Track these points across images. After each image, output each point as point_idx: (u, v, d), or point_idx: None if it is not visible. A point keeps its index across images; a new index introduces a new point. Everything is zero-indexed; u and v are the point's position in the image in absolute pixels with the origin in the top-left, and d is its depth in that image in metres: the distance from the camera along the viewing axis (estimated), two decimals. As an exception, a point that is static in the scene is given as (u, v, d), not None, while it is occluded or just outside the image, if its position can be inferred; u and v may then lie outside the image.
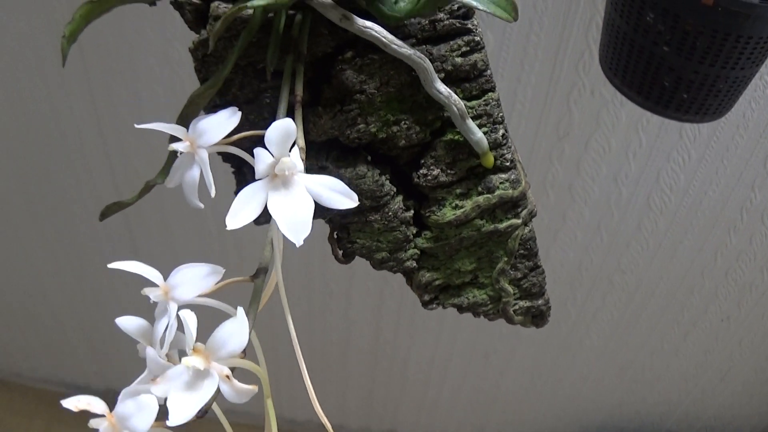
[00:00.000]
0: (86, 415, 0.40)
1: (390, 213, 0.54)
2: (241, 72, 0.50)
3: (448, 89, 0.49)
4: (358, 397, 2.03)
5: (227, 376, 0.39)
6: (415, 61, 0.47)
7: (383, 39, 0.46)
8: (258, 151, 0.39)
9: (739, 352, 1.83)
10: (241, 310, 0.40)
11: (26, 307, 1.93)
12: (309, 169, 0.42)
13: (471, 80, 0.52)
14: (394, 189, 0.53)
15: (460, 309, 0.60)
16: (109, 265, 0.43)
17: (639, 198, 1.43)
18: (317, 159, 0.51)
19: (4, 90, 1.35)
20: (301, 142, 0.43)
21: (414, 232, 0.56)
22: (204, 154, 0.41)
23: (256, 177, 0.39)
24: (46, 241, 1.70)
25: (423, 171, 0.53)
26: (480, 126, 0.52)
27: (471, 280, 0.58)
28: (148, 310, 1.62)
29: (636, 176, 1.39)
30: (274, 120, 0.41)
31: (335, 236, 0.54)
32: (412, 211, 0.56)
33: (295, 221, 0.38)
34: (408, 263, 0.57)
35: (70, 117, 1.38)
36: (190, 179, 0.42)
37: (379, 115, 0.51)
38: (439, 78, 0.50)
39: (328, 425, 0.46)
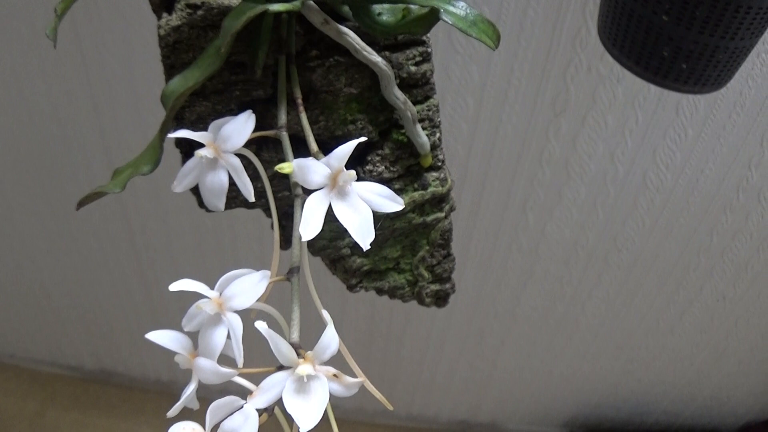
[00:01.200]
0: (80, 396, 0.40)
1: None
2: None
3: (404, 95, 0.53)
4: (352, 376, 2.03)
5: (335, 375, 0.43)
6: (381, 69, 0.51)
7: (356, 45, 0.49)
8: (309, 162, 0.41)
9: (735, 332, 1.83)
10: (329, 318, 0.43)
11: (20, 288, 1.93)
12: (270, 161, 0.46)
13: (419, 87, 0.56)
14: None
15: (380, 292, 0.64)
16: (171, 288, 0.43)
17: (635, 175, 1.43)
18: (276, 152, 0.53)
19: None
20: (315, 146, 0.46)
21: None
22: (235, 160, 0.43)
23: (310, 187, 0.41)
24: (39, 221, 1.69)
25: (369, 167, 0.56)
26: (423, 129, 0.56)
27: (394, 266, 0.62)
28: (142, 293, 1.61)
29: (632, 153, 1.38)
30: (242, 111, 0.45)
31: (281, 224, 0.54)
32: None
33: (362, 227, 0.42)
34: (344, 250, 0.61)
35: (64, 88, 1.37)
36: (217, 184, 0.43)
37: (339, 114, 0.54)
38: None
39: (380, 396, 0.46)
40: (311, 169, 0.42)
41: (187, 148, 0.52)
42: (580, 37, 1.20)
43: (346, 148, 0.42)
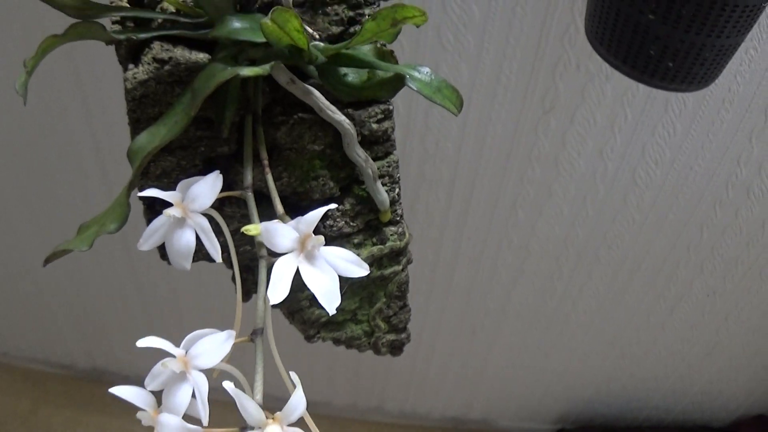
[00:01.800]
0: (73, 394, 0.41)
1: None
2: None
3: (365, 153, 0.54)
4: (345, 373, 2.03)
5: None
6: (345, 127, 0.51)
7: (321, 104, 0.50)
8: (278, 227, 0.42)
9: (725, 327, 1.84)
10: (297, 380, 0.43)
11: (13, 286, 1.93)
12: (232, 216, 0.46)
13: (380, 144, 0.57)
14: None
15: (337, 342, 0.65)
16: (138, 344, 0.45)
17: (625, 172, 1.43)
18: (239, 208, 0.53)
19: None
20: (281, 208, 0.47)
21: None
22: (203, 221, 0.43)
23: (279, 251, 0.41)
24: (32, 219, 1.69)
25: (329, 222, 0.57)
26: (383, 185, 0.57)
27: (351, 317, 0.62)
28: (135, 293, 1.61)
29: (621, 150, 1.39)
30: (207, 167, 0.47)
31: (242, 276, 0.55)
32: None
33: (328, 292, 0.42)
34: (303, 302, 0.61)
35: (54, 87, 1.37)
36: (185, 244, 0.43)
37: (302, 171, 0.54)
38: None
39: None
40: (279, 233, 0.42)
41: (151, 201, 0.53)
42: (569, 34, 1.20)
43: (316, 214, 0.42)
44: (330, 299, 0.42)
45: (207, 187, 0.44)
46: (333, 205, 0.44)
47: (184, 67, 0.50)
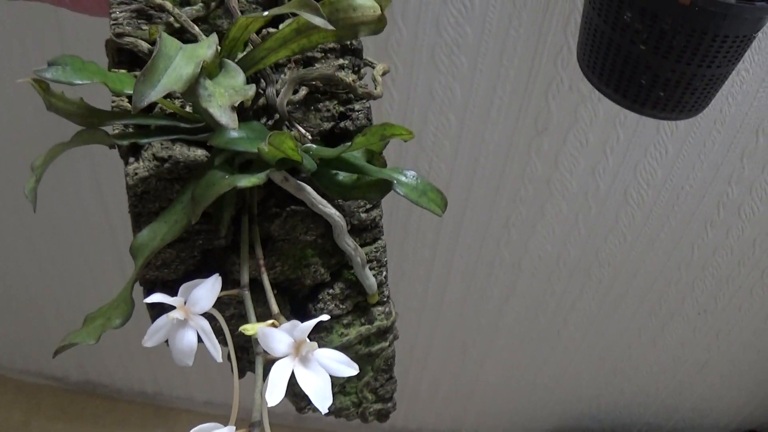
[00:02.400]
0: (66, 407, 0.42)
1: None
2: None
3: (354, 242, 0.56)
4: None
5: None
6: (335, 220, 0.54)
7: (313, 199, 0.52)
8: (274, 332, 0.44)
9: (716, 345, 1.85)
10: None
11: (6, 298, 1.93)
12: (228, 303, 0.49)
13: (368, 231, 0.59)
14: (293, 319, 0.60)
15: (327, 413, 0.66)
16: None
17: (616, 192, 1.44)
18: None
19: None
20: (275, 308, 0.49)
21: None
22: (204, 323, 0.46)
23: (274, 354, 0.44)
24: (27, 231, 1.69)
25: (320, 305, 0.59)
26: (371, 269, 0.59)
27: (340, 389, 0.65)
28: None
29: (614, 170, 1.39)
30: (204, 259, 0.51)
31: (237, 356, 0.57)
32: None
33: (321, 393, 0.44)
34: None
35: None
36: (187, 344, 0.46)
37: (294, 259, 0.57)
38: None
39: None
40: (275, 339, 0.44)
41: (151, 286, 0.56)
42: (562, 56, 1.21)
43: (310, 324, 0.45)
44: (323, 400, 0.44)
45: (207, 291, 0.46)
46: (325, 317, 0.47)
47: (183, 165, 0.52)
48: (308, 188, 0.52)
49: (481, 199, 1.46)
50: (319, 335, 0.61)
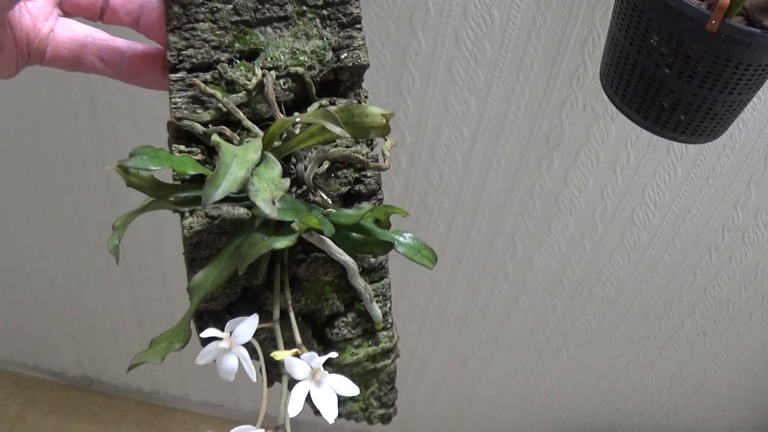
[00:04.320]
0: (61, 402, 0.45)
1: None
2: None
3: (365, 282, 0.67)
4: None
5: None
6: (349, 265, 0.65)
7: (332, 248, 0.63)
8: (295, 361, 0.57)
9: (713, 367, 1.86)
10: None
11: (7, 291, 1.93)
12: (259, 331, 0.60)
13: (376, 271, 0.71)
14: (313, 343, 0.72)
15: (339, 416, 0.78)
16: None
17: (624, 212, 1.45)
18: (263, 321, 0.64)
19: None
20: (299, 338, 0.61)
21: None
22: (244, 351, 0.58)
23: (297, 378, 0.57)
24: (30, 226, 1.70)
25: (336, 330, 0.70)
26: (377, 302, 0.70)
27: (351, 397, 0.75)
28: (129, 303, 1.62)
29: (622, 190, 1.41)
30: (244, 293, 0.65)
31: (267, 368, 0.67)
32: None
33: (330, 409, 0.57)
34: None
35: (62, 90, 1.38)
36: (229, 367, 0.58)
37: (316, 295, 0.68)
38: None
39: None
40: (297, 367, 0.57)
41: (200, 315, 0.67)
42: (578, 75, 1.22)
43: (323, 358, 0.57)
44: (330, 414, 0.57)
45: (248, 327, 0.58)
46: (335, 354, 0.60)
47: (229, 221, 0.64)
48: (328, 241, 0.63)
49: (489, 213, 1.47)
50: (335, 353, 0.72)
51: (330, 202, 0.66)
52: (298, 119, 0.58)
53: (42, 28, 0.60)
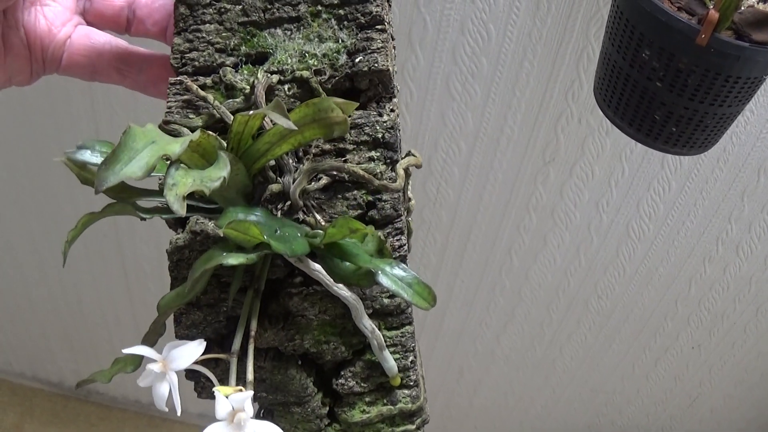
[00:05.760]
0: (59, 412, 0.45)
1: (309, 409, 0.63)
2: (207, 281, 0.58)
3: (372, 325, 0.59)
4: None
5: None
6: (350, 302, 0.57)
7: (327, 281, 0.56)
8: (218, 396, 0.49)
9: (708, 379, 1.87)
10: None
11: (6, 301, 1.94)
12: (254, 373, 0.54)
13: (394, 316, 0.61)
14: (316, 390, 0.63)
15: None
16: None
17: (619, 225, 1.47)
18: (257, 359, 0.59)
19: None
20: (250, 376, 0.54)
21: (326, 423, 0.66)
22: (174, 377, 0.51)
23: (217, 417, 0.49)
24: (30, 237, 1.71)
25: (341, 381, 0.62)
26: (394, 353, 0.61)
27: None
28: (129, 315, 1.64)
29: (617, 204, 1.42)
30: (229, 323, 0.57)
31: (260, 415, 0.62)
32: (327, 408, 0.65)
33: None
34: None
35: (64, 100, 1.40)
36: (160, 392, 0.52)
37: (313, 335, 0.60)
38: (368, 313, 0.59)
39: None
40: (219, 404, 0.50)
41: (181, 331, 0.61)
42: (573, 90, 1.24)
43: (246, 395, 0.50)
44: None
45: (187, 353, 0.52)
46: (250, 411, 0.51)
47: (212, 239, 0.58)
48: (322, 271, 0.56)
49: (486, 226, 1.48)
50: (342, 408, 0.63)
51: (323, 223, 0.59)
52: (251, 112, 0.51)
53: (57, 33, 0.58)
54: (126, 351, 0.53)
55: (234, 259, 0.50)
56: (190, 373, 0.60)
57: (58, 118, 1.40)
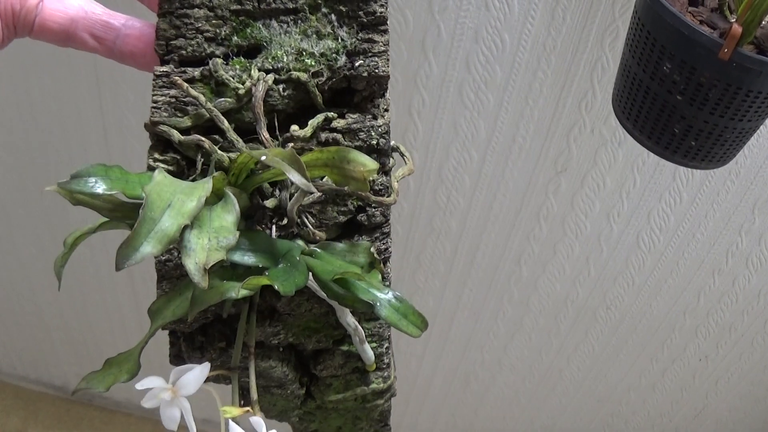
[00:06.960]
0: (63, 416, 0.45)
1: (289, 391, 0.66)
2: None
3: (355, 322, 0.61)
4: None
5: None
6: (336, 304, 0.59)
7: (314, 289, 0.57)
8: (233, 427, 0.53)
9: (714, 391, 1.86)
10: None
11: (12, 304, 1.93)
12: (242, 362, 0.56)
13: (375, 320, 0.64)
14: (296, 375, 0.65)
15: None
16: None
17: (629, 236, 1.46)
18: (242, 351, 0.60)
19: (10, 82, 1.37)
20: (255, 395, 0.56)
21: (302, 400, 0.68)
22: (186, 404, 0.53)
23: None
24: (35, 239, 1.71)
25: (320, 367, 0.65)
26: (371, 342, 0.64)
27: (336, 430, 0.72)
28: (134, 320, 1.63)
29: (628, 215, 1.42)
30: (218, 317, 0.60)
31: (240, 391, 0.62)
32: (305, 389, 0.68)
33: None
34: (293, 419, 0.70)
35: (72, 103, 1.40)
36: (171, 417, 0.53)
37: (298, 329, 0.62)
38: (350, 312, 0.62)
39: None
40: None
41: (172, 333, 0.63)
42: (586, 100, 1.23)
43: (261, 424, 0.53)
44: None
45: (195, 378, 0.53)
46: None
47: None
48: (312, 280, 0.56)
49: (496, 235, 1.48)
50: (319, 388, 0.66)
51: (318, 236, 0.58)
52: (263, 158, 0.48)
53: None
54: (139, 386, 0.53)
55: (236, 293, 0.50)
56: (173, 361, 0.62)
57: (66, 120, 1.40)
